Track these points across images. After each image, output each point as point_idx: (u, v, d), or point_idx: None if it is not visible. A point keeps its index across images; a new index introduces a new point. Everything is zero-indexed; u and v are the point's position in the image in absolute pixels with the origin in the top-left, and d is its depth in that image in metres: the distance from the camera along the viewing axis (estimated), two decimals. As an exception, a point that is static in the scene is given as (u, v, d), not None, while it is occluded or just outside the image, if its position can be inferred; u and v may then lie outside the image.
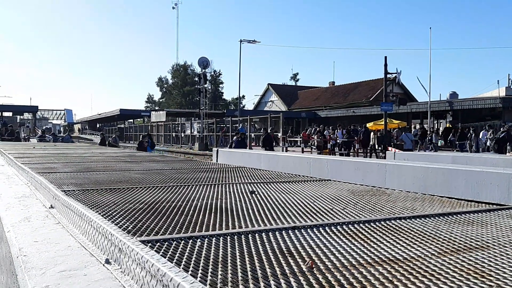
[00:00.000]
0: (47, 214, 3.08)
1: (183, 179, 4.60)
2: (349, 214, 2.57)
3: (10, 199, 3.78)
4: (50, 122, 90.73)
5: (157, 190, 3.63)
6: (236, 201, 3.05)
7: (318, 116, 44.68)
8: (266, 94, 62.07)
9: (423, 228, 2.21)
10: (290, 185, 4.04)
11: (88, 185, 3.92)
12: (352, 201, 3.05)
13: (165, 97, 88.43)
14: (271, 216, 2.48)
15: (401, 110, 30.05)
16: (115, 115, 55.33)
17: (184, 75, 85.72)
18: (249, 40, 35.67)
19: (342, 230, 2.14)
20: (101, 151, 11.14)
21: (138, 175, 4.92)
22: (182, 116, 51.65)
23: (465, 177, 6.21)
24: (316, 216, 2.49)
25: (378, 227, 2.22)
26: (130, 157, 8.72)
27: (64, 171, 5.36)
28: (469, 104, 30.57)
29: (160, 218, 2.43)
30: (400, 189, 6.43)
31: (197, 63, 35.26)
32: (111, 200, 3.07)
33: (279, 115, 29.08)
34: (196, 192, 3.54)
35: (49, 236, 2.51)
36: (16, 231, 2.64)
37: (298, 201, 3.04)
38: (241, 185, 4.03)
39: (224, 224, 2.28)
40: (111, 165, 6.49)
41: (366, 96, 45.74)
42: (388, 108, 23.09)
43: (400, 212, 2.66)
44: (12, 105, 54.50)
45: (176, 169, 5.91)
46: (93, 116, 75.08)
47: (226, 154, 13.79)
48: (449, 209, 2.76)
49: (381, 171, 7.63)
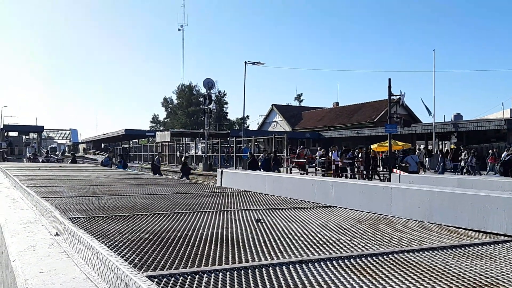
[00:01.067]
0: (53, 242, 3.07)
1: (188, 204, 4.59)
2: (356, 245, 2.55)
3: (16, 225, 3.78)
4: (55, 142, 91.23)
5: (162, 217, 3.62)
6: (242, 231, 3.04)
7: (322, 137, 44.71)
8: (271, 114, 62.30)
9: (431, 263, 2.18)
10: (296, 212, 4.02)
11: (94, 212, 3.92)
12: (359, 231, 3.03)
13: (170, 117, 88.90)
14: (278, 248, 2.47)
15: (405, 132, 30.04)
16: (120, 135, 55.60)
17: (189, 96, 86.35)
18: (253, 62, 35.99)
19: (350, 264, 2.12)
20: (105, 173, 11.16)
21: (143, 200, 4.91)
22: (186, 136, 51.84)
23: (471, 201, 6.16)
24: (323, 248, 2.48)
25: (386, 261, 2.20)
26: (135, 179, 8.73)
27: (69, 195, 5.37)
28: (473, 126, 30.55)
29: (166, 250, 2.42)
30: (405, 213, 6.41)
31: (202, 84, 35.56)
32: (117, 228, 3.07)
33: (284, 136, 29.13)
34: (202, 219, 3.53)
35: (55, 266, 2.50)
36: (22, 261, 2.63)
37: (304, 231, 3.03)
38: (247, 212, 4.02)
39: (230, 257, 2.27)
40: (116, 188, 6.49)
41: (370, 117, 45.81)
42: (393, 130, 23.08)
43: (407, 243, 2.64)
44: (18, 125, 54.93)
45: (181, 193, 5.90)
46: (98, 136, 75.44)
47: (230, 176, 13.77)
48: (457, 241, 2.74)
49: (386, 194, 7.59)
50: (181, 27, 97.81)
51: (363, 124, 44.15)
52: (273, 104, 62.26)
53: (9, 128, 50.85)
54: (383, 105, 40.99)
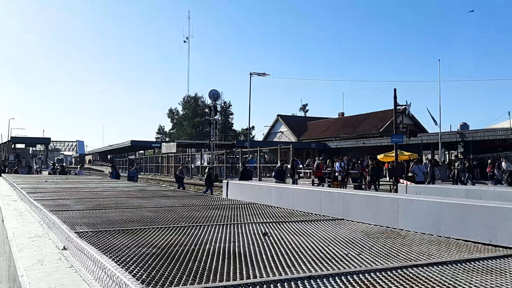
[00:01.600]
0: (60, 257, 3.08)
1: (195, 217, 4.59)
2: (365, 260, 2.53)
3: (24, 239, 3.79)
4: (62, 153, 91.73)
5: (169, 231, 3.62)
6: (250, 245, 3.03)
7: (328, 147, 44.64)
8: (276, 125, 62.36)
9: (440, 278, 2.16)
10: (303, 225, 4.01)
11: (101, 225, 3.92)
12: (367, 245, 3.01)
13: (176, 128, 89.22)
14: (286, 263, 2.46)
15: (411, 142, 29.92)
16: (126, 146, 55.81)
17: (194, 107, 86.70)
18: (259, 73, 36.10)
19: (359, 280, 2.10)
20: (112, 185, 11.18)
21: (150, 213, 4.91)
22: (192, 147, 51.94)
23: (479, 212, 6.12)
24: (332, 263, 2.46)
25: (396, 276, 2.19)
26: (141, 191, 8.74)
27: (76, 208, 5.38)
28: (480, 136, 30.39)
29: (174, 265, 2.41)
30: (413, 224, 6.36)
31: (207, 95, 35.69)
32: (124, 243, 3.07)
33: (289, 146, 29.10)
34: (208, 233, 3.52)
35: (62, 282, 2.50)
36: (30, 276, 2.63)
37: (312, 245, 3.01)
38: (253, 225, 4.01)
39: (238, 272, 2.26)
40: (123, 201, 6.50)
41: (376, 127, 45.73)
42: (399, 140, 23.01)
43: (416, 258, 2.62)
44: (25, 137, 55.36)
45: (187, 205, 5.90)
46: (104, 147, 75.79)
47: (237, 187, 13.76)
48: (466, 255, 2.71)
49: (393, 205, 7.54)
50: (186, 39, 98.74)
51: (369, 134, 44.07)
52: (279, 115, 62.37)
53: (17, 140, 51.22)
54: (388, 115, 40.92)
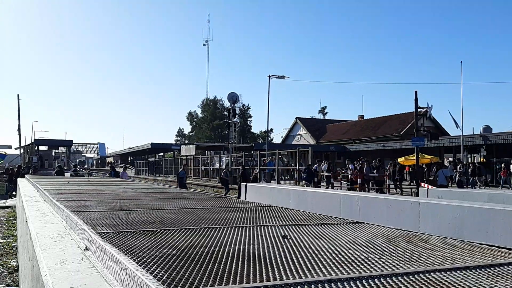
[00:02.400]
0: (82, 257, 3.12)
1: (214, 219, 4.60)
2: (386, 264, 2.50)
3: (47, 239, 3.86)
4: (83, 155, 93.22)
5: (189, 233, 3.64)
6: (269, 247, 3.02)
7: (348, 150, 44.32)
8: (294, 127, 62.21)
9: (464, 283, 2.12)
10: (322, 228, 3.98)
11: (122, 227, 3.97)
12: (388, 249, 2.98)
13: (195, 131, 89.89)
14: (306, 266, 2.44)
15: (433, 145, 29.52)
16: (146, 148, 56.50)
17: (213, 110, 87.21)
18: (277, 76, 36.14)
19: (380, 284, 2.08)
20: (132, 187, 11.31)
21: (170, 215, 4.95)
22: (211, 149, 52.21)
23: (503, 217, 5.98)
24: (352, 266, 2.44)
25: (418, 280, 2.15)
26: (161, 193, 8.82)
27: (98, 209, 5.46)
28: (503, 138, 29.79)
29: (194, 266, 2.42)
30: (434, 229, 6.25)
31: (226, 98, 35.88)
32: (145, 244, 3.10)
33: (308, 149, 29.01)
34: (228, 235, 3.53)
35: (85, 282, 2.54)
36: (53, 276, 2.67)
37: (332, 248, 2.99)
38: (272, 227, 4.00)
39: (258, 275, 2.25)
40: (143, 203, 6.57)
41: (396, 130, 45.22)
42: (420, 143, 22.72)
43: (439, 262, 2.57)
44: (48, 139, 56.48)
45: (206, 207, 5.93)
46: (125, 149, 76.78)
47: (255, 189, 13.77)
48: (490, 260, 2.65)
49: (414, 209, 7.44)
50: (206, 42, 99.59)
51: (389, 137, 43.60)
52: (297, 117, 62.22)
53: (40, 142, 52.31)
54: (409, 118, 40.45)
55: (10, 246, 10.24)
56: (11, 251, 9.74)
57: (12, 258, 9.01)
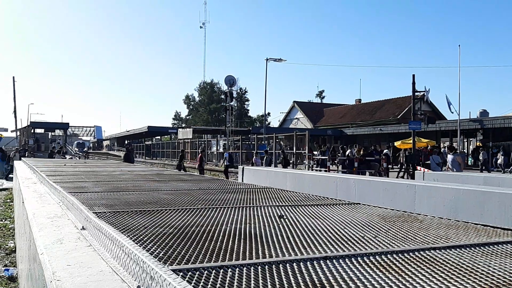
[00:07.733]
0: (79, 236, 3.13)
1: (211, 200, 4.61)
2: (381, 242, 2.51)
3: (43, 219, 3.86)
4: (80, 138, 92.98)
5: (186, 212, 3.65)
6: (265, 226, 3.04)
7: (344, 134, 44.35)
8: (292, 111, 62.12)
9: (459, 260, 2.14)
10: (319, 208, 4.00)
11: (119, 207, 3.98)
12: (383, 228, 2.99)
13: (192, 114, 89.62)
14: (301, 244, 2.46)
15: (429, 129, 29.52)
16: (143, 132, 56.28)
17: (210, 93, 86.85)
18: (275, 59, 35.91)
19: (375, 261, 2.09)
20: (129, 169, 11.31)
21: (166, 196, 4.96)
22: (208, 133, 52.18)
23: (498, 199, 6.03)
24: (348, 244, 2.45)
25: (412, 258, 2.17)
26: (158, 175, 8.83)
27: (95, 190, 5.46)
28: (500, 123, 29.81)
29: (190, 244, 2.43)
30: (430, 211, 6.29)
31: (223, 81, 35.71)
32: (142, 223, 3.10)
33: (305, 133, 29.00)
34: (224, 215, 3.54)
35: (81, 260, 2.54)
36: (50, 254, 2.68)
37: (328, 227, 3.01)
38: (269, 208, 4.02)
39: (254, 252, 2.27)
40: (140, 184, 6.58)
41: (393, 113, 45.22)
42: (417, 126, 22.76)
43: (434, 241, 2.59)
44: (45, 122, 56.16)
45: (203, 189, 5.94)
46: (122, 133, 76.56)
47: (252, 172, 13.82)
48: (485, 239, 2.67)
49: (410, 192, 7.49)
50: (203, 24, 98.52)
51: (386, 121, 43.61)
52: (295, 101, 62.07)
53: (36, 125, 52.01)
54: (406, 102, 40.43)
55: (8, 227, 10.27)
56: (9, 232, 9.77)
57: (10, 239, 9.04)
